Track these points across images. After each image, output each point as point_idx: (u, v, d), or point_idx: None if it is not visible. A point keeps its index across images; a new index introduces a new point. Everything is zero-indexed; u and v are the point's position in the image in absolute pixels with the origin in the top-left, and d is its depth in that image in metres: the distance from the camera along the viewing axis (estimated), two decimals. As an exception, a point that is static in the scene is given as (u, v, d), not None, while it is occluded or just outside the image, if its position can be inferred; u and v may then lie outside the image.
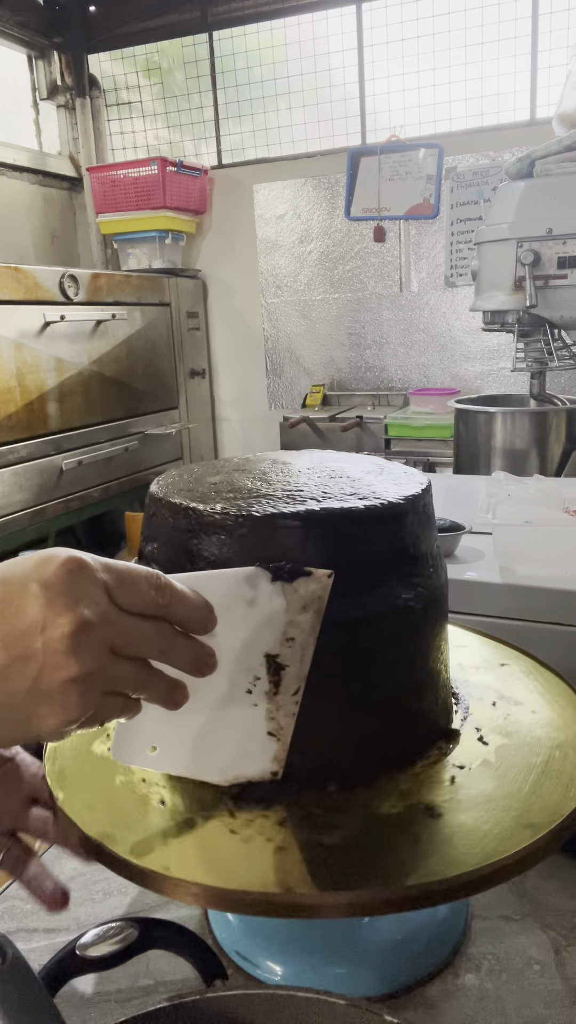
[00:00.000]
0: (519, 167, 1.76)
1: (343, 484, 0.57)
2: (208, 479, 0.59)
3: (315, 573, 0.48)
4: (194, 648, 0.45)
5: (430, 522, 0.59)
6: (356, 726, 0.55)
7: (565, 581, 0.89)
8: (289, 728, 0.51)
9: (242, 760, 0.51)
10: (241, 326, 3.90)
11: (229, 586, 0.47)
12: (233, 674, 0.49)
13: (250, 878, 0.46)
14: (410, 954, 0.60)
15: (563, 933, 0.63)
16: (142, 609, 0.41)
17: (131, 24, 3.71)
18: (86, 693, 0.39)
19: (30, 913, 0.70)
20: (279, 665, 0.49)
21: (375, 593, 0.53)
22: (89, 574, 0.39)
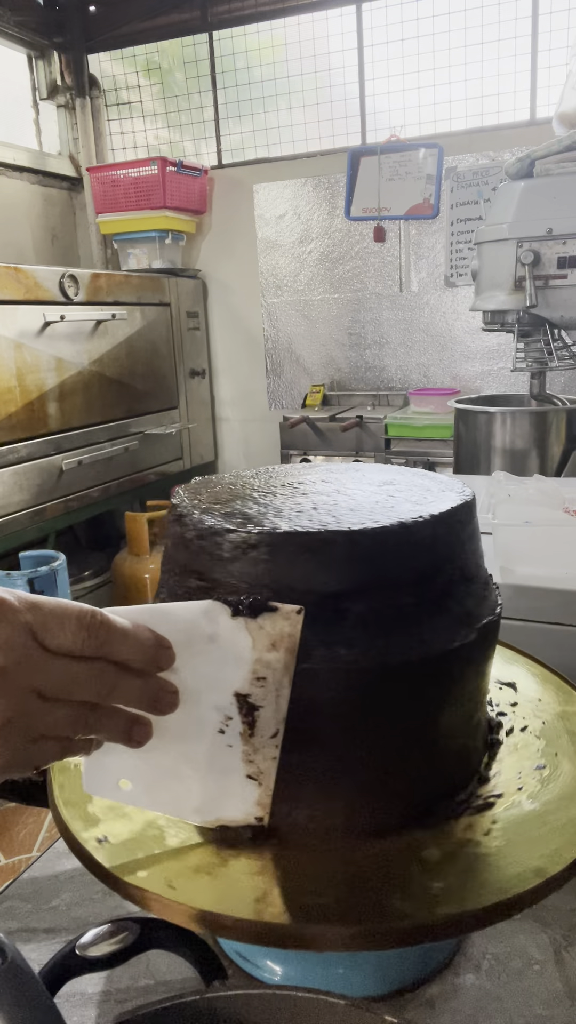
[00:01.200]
0: (519, 167, 1.76)
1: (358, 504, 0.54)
2: (227, 494, 0.57)
3: (282, 609, 0.44)
4: (146, 686, 0.43)
5: (475, 543, 0.56)
6: (389, 773, 0.52)
7: (565, 581, 0.89)
8: (270, 773, 0.48)
9: (222, 803, 0.49)
10: (241, 326, 3.90)
11: (186, 621, 0.45)
12: (201, 712, 0.46)
13: (236, 905, 0.46)
14: (410, 954, 0.60)
15: (563, 933, 0.63)
16: (72, 650, 0.39)
17: (131, 24, 3.71)
18: (7, 741, 0.37)
19: (30, 913, 0.69)
20: (252, 705, 0.46)
21: (421, 631, 0.50)
22: (8, 615, 0.37)
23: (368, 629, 0.49)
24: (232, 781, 0.48)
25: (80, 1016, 0.58)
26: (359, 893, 0.47)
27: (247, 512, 0.53)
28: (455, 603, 0.53)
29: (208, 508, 0.54)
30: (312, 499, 0.56)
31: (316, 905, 0.46)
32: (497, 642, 0.75)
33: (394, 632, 0.49)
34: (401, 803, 0.53)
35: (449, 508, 0.52)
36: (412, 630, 0.50)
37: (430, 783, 0.54)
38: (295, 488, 0.59)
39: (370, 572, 0.49)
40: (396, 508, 0.53)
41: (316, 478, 0.62)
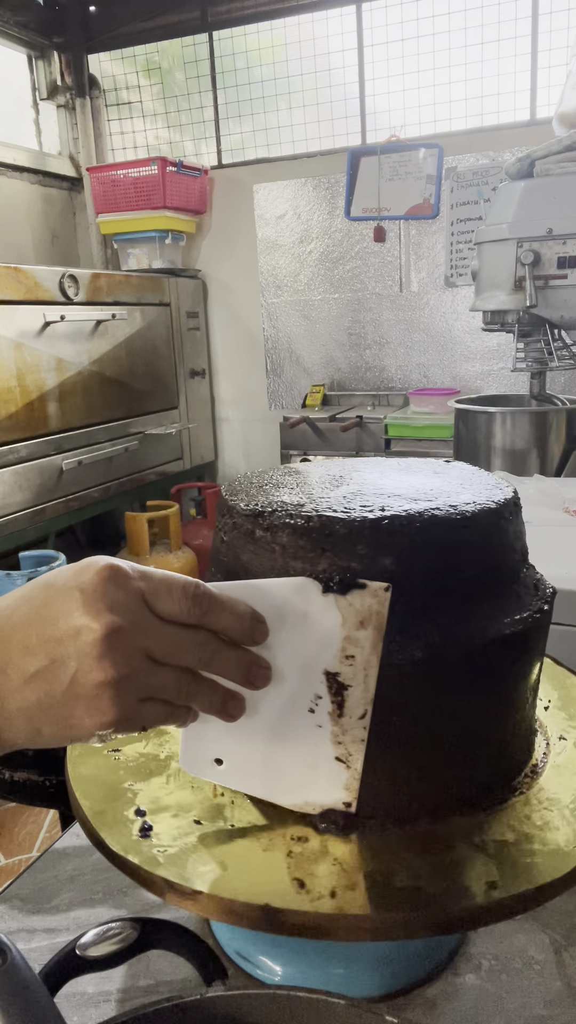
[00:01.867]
0: (519, 167, 1.76)
1: (423, 490, 0.54)
2: (276, 486, 0.58)
3: (370, 586, 0.45)
4: (242, 659, 0.45)
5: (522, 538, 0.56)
6: (434, 764, 0.52)
7: (565, 581, 0.89)
8: (359, 756, 0.48)
9: (310, 785, 0.49)
10: (241, 326, 3.90)
11: (278, 597, 0.46)
12: (293, 690, 0.47)
13: (267, 888, 0.46)
14: (410, 954, 0.60)
15: (563, 933, 0.63)
16: (178, 617, 0.42)
17: (131, 24, 3.71)
18: (119, 697, 0.40)
19: (30, 913, 0.69)
20: (341, 684, 0.47)
21: (474, 618, 0.50)
22: (124, 581, 0.40)
23: (425, 614, 0.50)
24: (321, 763, 0.49)
25: (80, 1016, 0.58)
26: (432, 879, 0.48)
27: (300, 501, 0.54)
28: (515, 591, 0.54)
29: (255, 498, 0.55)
30: (363, 487, 0.57)
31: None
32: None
33: (449, 617, 0.50)
34: (462, 786, 0.54)
35: (503, 500, 0.53)
36: (470, 617, 0.50)
37: (484, 770, 0.55)
38: (346, 482, 0.60)
39: (429, 558, 0.49)
40: (452, 497, 0.54)
41: (365, 471, 0.63)
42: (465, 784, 0.53)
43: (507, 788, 0.55)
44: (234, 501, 0.55)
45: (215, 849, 0.50)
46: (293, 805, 0.51)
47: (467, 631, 0.50)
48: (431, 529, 0.49)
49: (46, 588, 0.41)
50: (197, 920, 0.67)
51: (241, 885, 0.47)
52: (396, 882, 0.47)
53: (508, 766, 0.56)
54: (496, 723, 0.54)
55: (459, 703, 0.51)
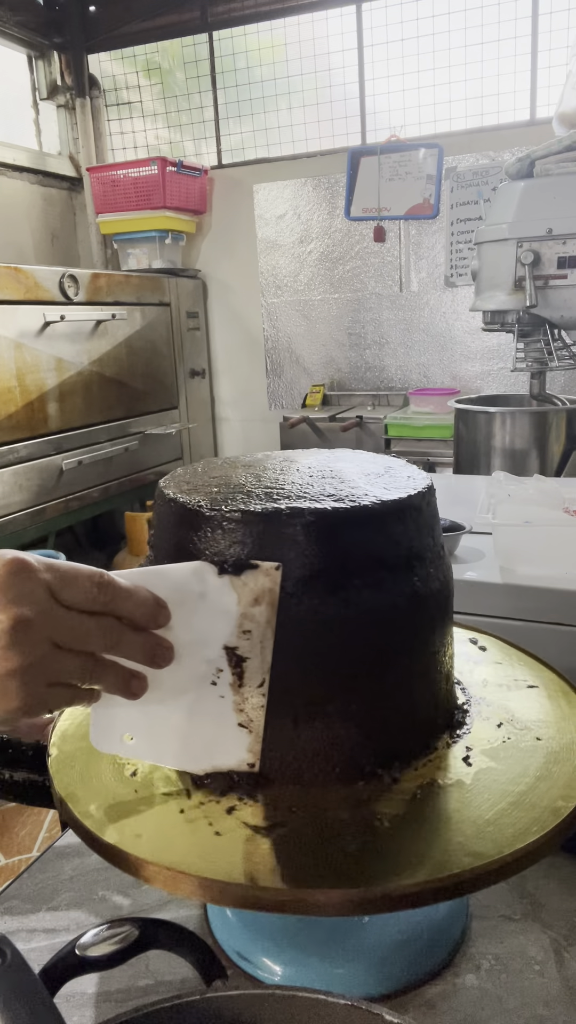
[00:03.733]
0: (519, 167, 1.76)
1: (336, 485, 0.57)
2: (209, 475, 0.60)
3: (262, 566, 0.49)
4: (146, 641, 0.47)
5: (424, 525, 0.58)
6: (334, 724, 0.54)
7: (565, 581, 0.89)
8: (259, 720, 0.51)
9: (216, 751, 0.53)
10: (241, 326, 3.90)
11: (178, 581, 0.49)
12: (195, 666, 0.50)
13: (217, 867, 0.47)
14: (410, 954, 0.60)
15: (563, 933, 0.63)
16: (84, 605, 0.44)
17: (131, 24, 3.71)
18: (27, 684, 0.42)
19: (30, 913, 0.70)
20: (240, 657, 0.50)
21: (361, 593, 0.53)
22: (30, 574, 0.42)
23: (324, 591, 0.52)
24: (225, 730, 0.52)
25: (80, 1016, 0.58)
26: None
27: (222, 491, 0.57)
28: (399, 574, 0.56)
29: (188, 486, 0.58)
30: (293, 477, 0.59)
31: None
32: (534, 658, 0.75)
33: (340, 594, 0.53)
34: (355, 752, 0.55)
35: (414, 492, 0.56)
36: (361, 593, 0.53)
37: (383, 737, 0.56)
38: (281, 470, 0.62)
39: (329, 548, 0.52)
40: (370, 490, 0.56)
41: (309, 461, 0.65)
42: (360, 751, 0.55)
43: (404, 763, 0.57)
44: (164, 487, 0.58)
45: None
46: (202, 770, 0.53)
47: (352, 604, 0.53)
48: (328, 522, 0.52)
49: None
50: (197, 920, 0.67)
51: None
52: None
53: (403, 740, 0.57)
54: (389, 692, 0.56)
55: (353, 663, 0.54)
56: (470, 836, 0.49)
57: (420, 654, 0.58)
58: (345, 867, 0.47)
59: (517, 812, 0.51)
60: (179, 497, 0.55)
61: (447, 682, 0.61)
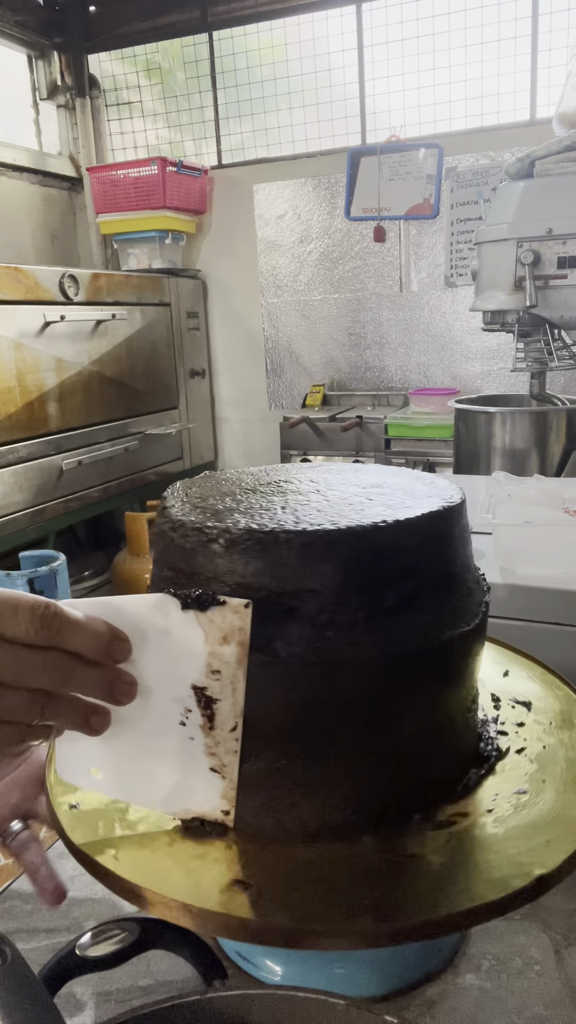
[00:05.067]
0: (519, 167, 1.76)
1: (363, 502, 0.53)
2: (219, 490, 0.57)
3: (230, 603, 0.45)
4: (104, 676, 0.44)
5: (461, 543, 0.55)
6: (363, 776, 0.51)
7: (565, 581, 0.89)
8: (233, 766, 0.48)
9: (188, 795, 0.50)
10: (241, 326, 3.90)
11: (139, 613, 0.46)
12: (162, 704, 0.47)
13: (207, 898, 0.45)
14: (410, 954, 0.60)
15: (563, 933, 0.63)
16: (25, 639, 0.41)
17: (131, 24, 3.71)
18: None
19: (30, 913, 0.69)
20: (209, 699, 0.47)
21: (392, 625, 0.49)
22: None
23: (315, 628, 0.49)
24: (197, 774, 0.49)
25: (80, 1016, 0.58)
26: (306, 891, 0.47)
27: (218, 508, 0.53)
28: (414, 610, 0.51)
29: (187, 502, 0.55)
30: (287, 498, 0.56)
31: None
32: (500, 645, 0.74)
33: (341, 632, 0.49)
34: (358, 808, 0.52)
35: (419, 515, 0.51)
36: (360, 632, 0.49)
37: (389, 791, 0.53)
38: (278, 487, 0.59)
39: (321, 573, 0.48)
40: (364, 511, 0.52)
41: (304, 477, 0.62)
42: (360, 804, 0.52)
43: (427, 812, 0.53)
44: (167, 502, 0.55)
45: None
46: (173, 813, 0.51)
47: (349, 646, 0.49)
48: (322, 545, 0.48)
49: None
50: (197, 920, 0.67)
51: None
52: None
53: (414, 793, 0.54)
54: (389, 746, 0.52)
55: (339, 717, 0.50)
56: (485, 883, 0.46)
57: (460, 689, 0.54)
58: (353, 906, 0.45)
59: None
60: (176, 515, 0.52)
61: (471, 725, 0.58)
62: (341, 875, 0.48)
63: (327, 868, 0.49)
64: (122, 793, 0.51)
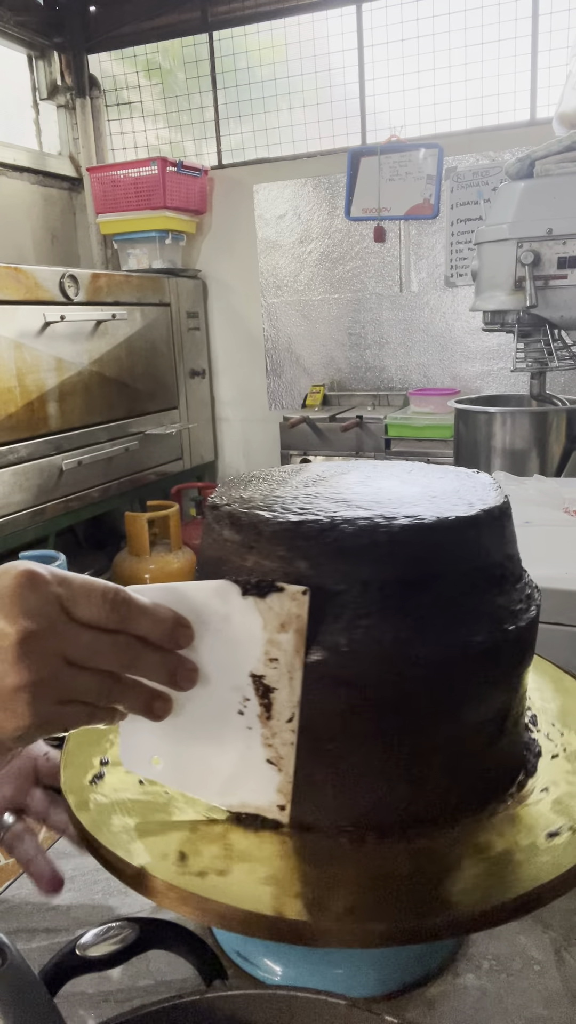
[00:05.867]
0: (519, 167, 1.76)
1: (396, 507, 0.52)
2: (269, 488, 0.57)
3: (288, 589, 0.46)
4: (167, 661, 0.45)
5: (511, 543, 0.54)
6: (412, 773, 0.51)
7: (565, 581, 0.89)
8: (290, 759, 0.48)
9: (245, 787, 0.50)
10: (241, 326, 3.90)
11: (201, 600, 0.46)
12: (221, 692, 0.48)
13: (243, 896, 0.45)
14: (410, 954, 0.60)
15: (563, 933, 0.63)
16: (97, 622, 0.42)
17: (131, 24, 3.71)
18: (35, 701, 0.40)
19: (30, 913, 0.69)
20: (267, 687, 0.47)
21: (437, 628, 0.49)
22: (40, 587, 0.41)
23: (379, 622, 0.48)
24: (254, 765, 0.49)
25: (80, 1016, 0.58)
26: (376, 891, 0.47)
27: (265, 503, 0.53)
28: (480, 604, 0.51)
29: (235, 498, 0.55)
30: (341, 494, 0.55)
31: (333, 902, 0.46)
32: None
33: (407, 627, 0.48)
34: (426, 801, 0.52)
35: (480, 510, 0.51)
36: (427, 626, 0.49)
37: (454, 787, 0.53)
38: (328, 482, 0.59)
39: (383, 567, 0.48)
40: (426, 505, 0.52)
41: (353, 479, 0.61)
42: (420, 801, 0.52)
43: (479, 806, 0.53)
44: (214, 498, 0.55)
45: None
46: (229, 806, 0.51)
47: (414, 641, 0.49)
48: (385, 539, 0.48)
49: None
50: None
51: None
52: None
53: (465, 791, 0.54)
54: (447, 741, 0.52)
55: (396, 713, 0.50)
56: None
57: (517, 687, 0.54)
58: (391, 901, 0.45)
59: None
60: (225, 507, 0.52)
61: (510, 738, 0.57)
62: (387, 874, 0.48)
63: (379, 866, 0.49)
64: (181, 783, 0.52)
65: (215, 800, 0.51)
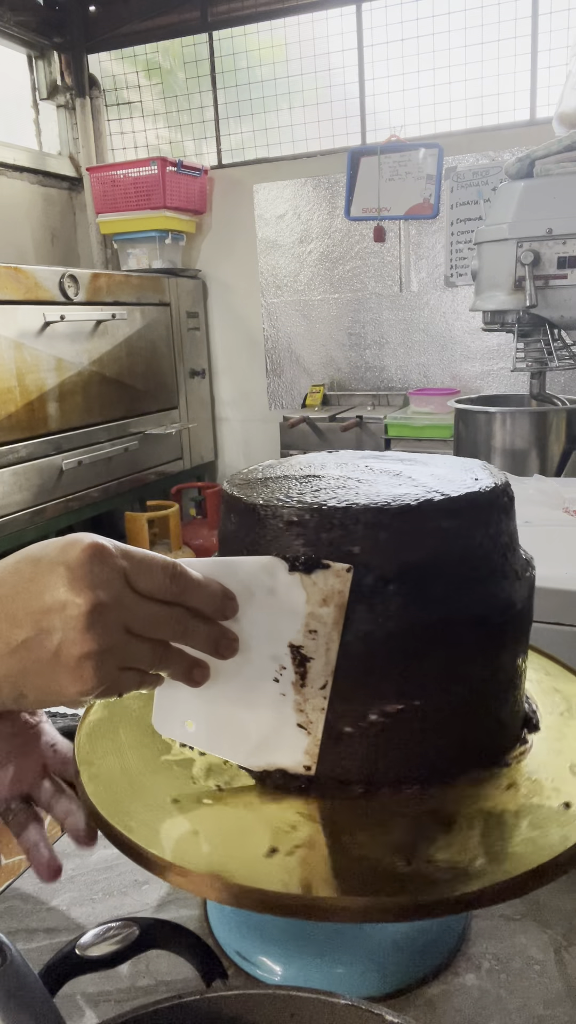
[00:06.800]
0: (519, 167, 1.76)
1: (409, 487, 0.55)
2: (278, 475, 0.59)
3: (333, 567, 0.49)
4: (212, 632, 0.48)
5: (512, 524, 0.57)
6: (419, 731, 0.53)
7: (565, 581, 0.89)
8: (319, 723, 0.51)
9: (274, 749, 0.52)
10: (241, 326, 3.90)
11: (248, 574, 0.49)
12: (259, 660, 0.50)
13: (270, 877, 0.46)
14: (410, 954, 0.60)
15: (563, 933, 0.63)
16: (157, 594, 0.45)
17: (131, 24, 3.71)
18: (100, 667, 0.43)
19: (30, 913, 0.69)
20: (304, 657, 0.50)
21: (447, 598, 0.51)
22: (108, 559, 0.43)
23: (381, 598, 0.51)
24: (284, 728, 0.52)
25: (80, 1016, 0.58)
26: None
27: (279, 488, 0.56)
28: (478, 581, 0.54)
29: (246, 486, 0.57)
30: (356, 480, 0.58)
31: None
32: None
33: (420, 599, 0.51)
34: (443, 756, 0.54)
35: (471, 491, 0.54)
36: (436, 598, 0.52)
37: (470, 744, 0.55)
38: (345, 468, 0.61)
39: (401, 546, 0.51)
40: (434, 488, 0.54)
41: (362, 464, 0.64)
42: (439, 755, 0.54)
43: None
44: (235, 492, 0.57)
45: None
46: (256, 766, 0.53)
47: (443, 609, 0.52)
48: (392, 519, 0.51)
49: (33, 563, 0.43)
50: (197, 920, 0.67)
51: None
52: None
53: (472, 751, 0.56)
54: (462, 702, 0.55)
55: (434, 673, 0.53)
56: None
57: (513, 659, 0.57)
58: (400, 876, 0.46)
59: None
60: (239, 495, 0.55)
61: (516, 702, 0.59)
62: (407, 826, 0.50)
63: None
64: (212, 746, 0.54)
65: (244, 761, 0.54)
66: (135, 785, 0.55)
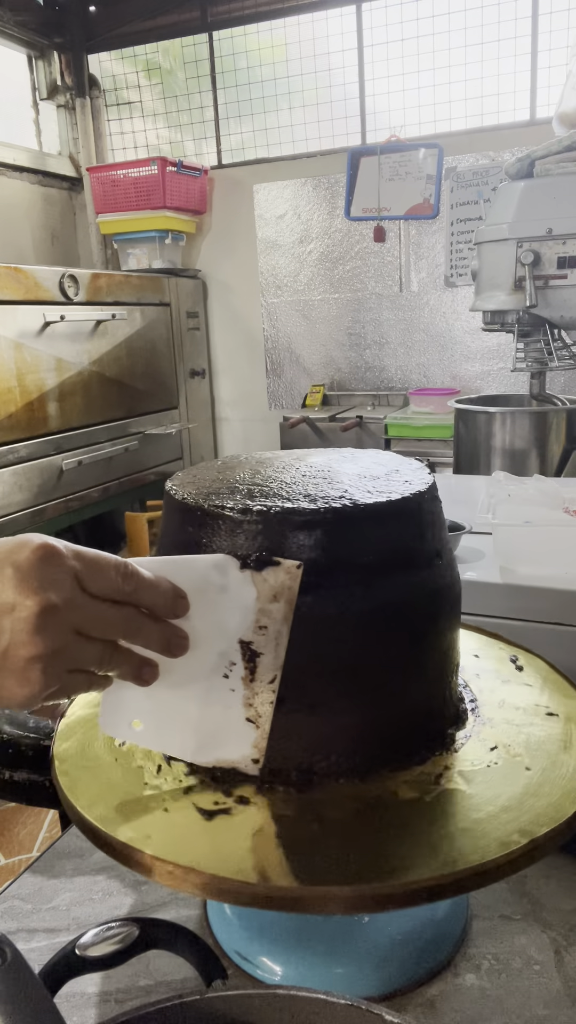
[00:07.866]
0: (519, 167, 1.76)
1: (323, 487, 0.57)
2: (216, 476, 0.61)
3: (283, 563, 0.50)
4: (163, 631, 0.48)
5: (427, 524, 0.58)
6: (351, 718, 0.55)
7: (565, 581, 0.89)
8: (267, 717, 0.52)
9: (222, 744, 0.53)
10: (241, 326, 3.90)
11: (199, 572, 0.49)
12: (209, 657, 0.50)
13: (226, 863, 0.46)
14: (410, 954, 0.60)
15: (563, 933, 0.63)
16: (109, 595, 0.44)
17: (131, 24, 3.71)
18: (48, 670, 0.42)
19: (30, 913, 0.70)
20: (254, 652, 0.51)
21: (366, 589, 0.53)
22: (58, 561, 0.42)
23: (328, 586, 0.53)
24: (232, 723, 0.52)
25: (80, 1016, 0.58)
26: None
27: (223, 490, 0.58)
28: (393, 575, 0.56)
29: (190, 484, 0.59)
30: (294, 475, 0.60)
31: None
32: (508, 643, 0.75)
33: (334, 592, 0.53)
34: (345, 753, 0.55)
35: (402, 497, 0.56)
36: (362, 590, 0.54)
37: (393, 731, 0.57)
38: (274, 466, 0.63)
39: (333, 546, 0.53)
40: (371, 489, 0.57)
41: (312, 461, 0.66)
42: (377, 743, 0.56)
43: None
44: (174, 491, 0.59)
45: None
46: (206, 763, 0.54)
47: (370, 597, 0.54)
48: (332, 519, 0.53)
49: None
50: (197, 920, 0.67)
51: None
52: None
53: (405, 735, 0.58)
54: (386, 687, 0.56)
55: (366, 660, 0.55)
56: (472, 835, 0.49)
57: (432, 647, 0.58)
58: (352, 864, 0.47)
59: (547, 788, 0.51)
60: (177, 494, 0.56)
61: (441, 691, 0.60)
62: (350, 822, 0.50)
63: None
64: (160, 744, 0.54)
65: (192, 757, 0.54)
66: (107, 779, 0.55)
